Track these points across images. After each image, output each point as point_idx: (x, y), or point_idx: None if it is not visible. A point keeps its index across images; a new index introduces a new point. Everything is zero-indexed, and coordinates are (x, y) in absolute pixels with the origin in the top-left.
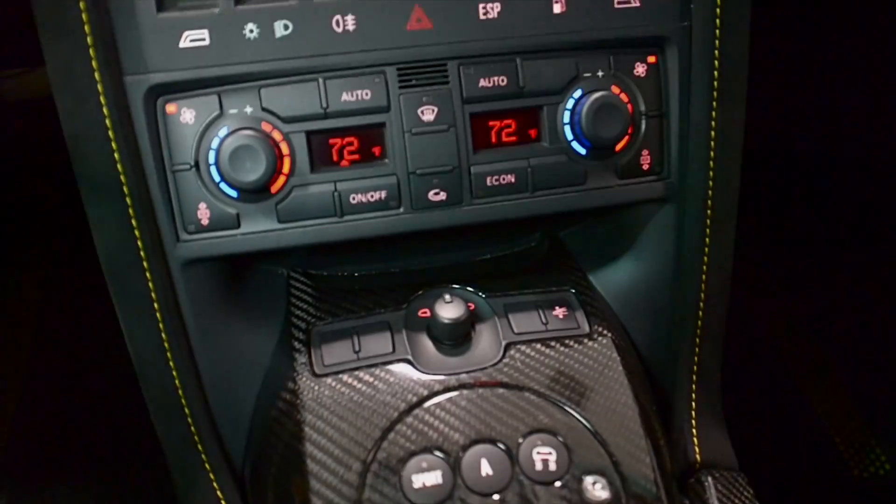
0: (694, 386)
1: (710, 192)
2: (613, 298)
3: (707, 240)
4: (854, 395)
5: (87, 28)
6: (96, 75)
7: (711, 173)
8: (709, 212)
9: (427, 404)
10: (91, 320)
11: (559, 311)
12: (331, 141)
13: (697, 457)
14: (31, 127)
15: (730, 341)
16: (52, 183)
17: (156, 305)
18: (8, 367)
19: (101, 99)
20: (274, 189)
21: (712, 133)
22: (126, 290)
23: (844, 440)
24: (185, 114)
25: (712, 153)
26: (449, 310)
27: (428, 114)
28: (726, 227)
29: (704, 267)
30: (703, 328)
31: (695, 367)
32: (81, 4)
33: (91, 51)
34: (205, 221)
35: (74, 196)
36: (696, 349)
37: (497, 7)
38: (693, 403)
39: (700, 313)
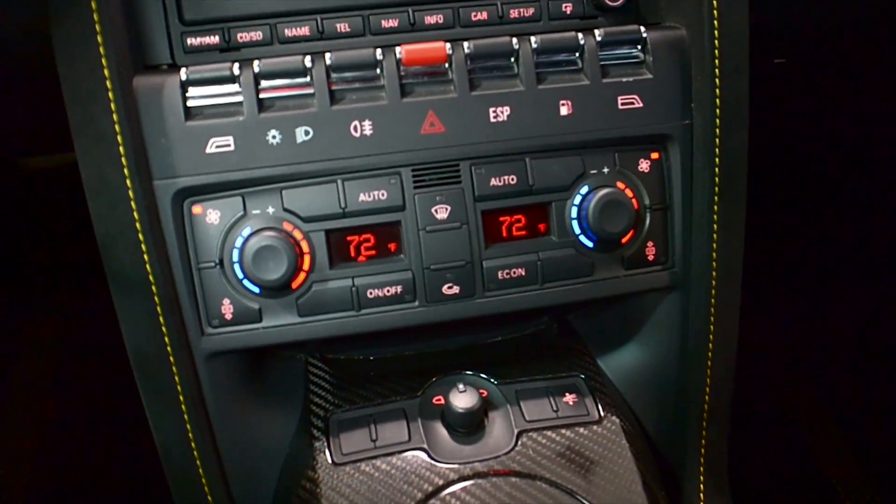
0: (702, 468)
1: (713, 281)
2: (621, 381)
3: (712, 326)
4: (857, 448)
5: (119, 139)
6: (128, 182)
7: (714, 263)
8: (713, 300)
9: (443, 494)
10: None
11: (569, 398)
12: (348, 238)
13: None
14: (56, 191)
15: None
16: (76, 244)
17: (181, 397)
18: (27, 429)
19: (132, 204)
20: (295, 285)
21: (715, 225)
22: (152, 381)
23: (848, 494)
24: (211, 214)
25: (715, 244)
26: (463, 399)
27: (441, 212)
28: (730, 313)
29: (710, 352)
30: (709, 410)
31: (702, 449)
32: (115, 116)
33: (123, 159)
34: (228, 316)
35: (96, 259)
36: (704, 431)
37: (507, 111)
38: (701, 485)
39: (707, 396)
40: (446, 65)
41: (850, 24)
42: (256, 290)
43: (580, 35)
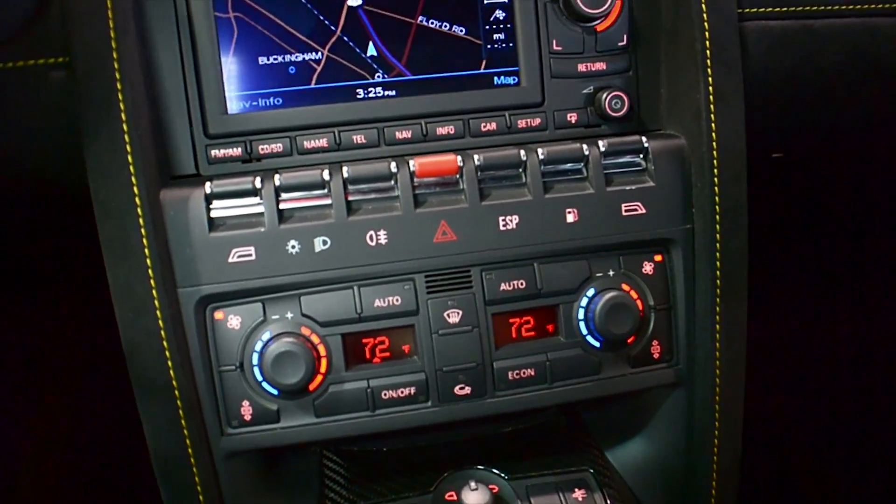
0: None
1: (717, 378)
2: (629, 473)
3: (717, 420)
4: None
5: (147, 251)
6: (154, 292)
7: (718, 360)
8: (717, 395)
9: None
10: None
11: (578, 494)
12: (364, 340)
13: None
14: None
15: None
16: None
17: (200, 497)
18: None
19: (158, 313)
20: (312, 387)
21: (717, 325)
22: (172, 479)
23: None
24: (232, 320)
25: (718, 342)
26: (474, 497)
27: (453, 316)
28: (734, 406)
29: (716, 446)
30: (716, 502)
31: None
32: (143, 231)
33: (150, 271)
34: (247, 417)
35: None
36: None
37: (515, 219)
38: None
39: (713, 490)
40: (458, 176)
41: (845, 126)
42: (275, 392)
43: (585, 146)
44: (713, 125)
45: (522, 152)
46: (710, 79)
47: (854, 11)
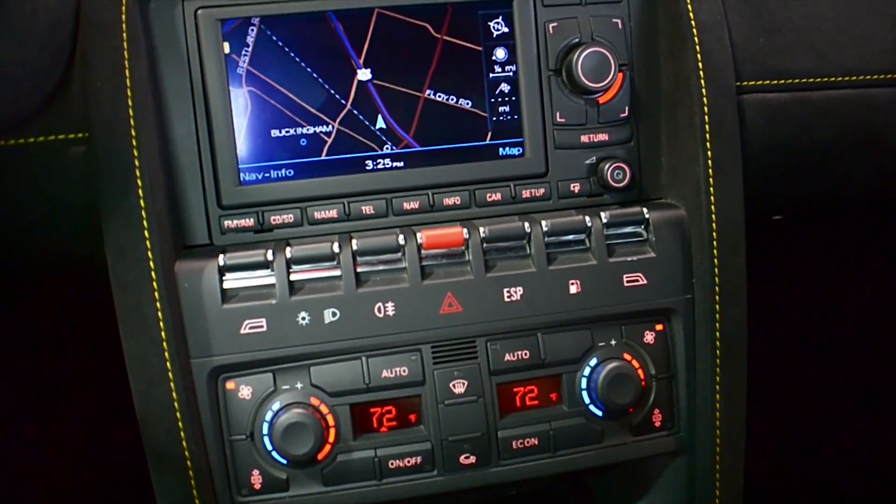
0: None
1: (717, 445)
2: None
3: (717, 487)
4: None
5: (161, 324)
6: (168, 364)
7: (718, 428)
8: (717, 463)
9: None
10: None
11: None
12: (371, 410)
13: None
14: None
15: None
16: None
17: None
18: None
19: (171, 385)
20: (320, 457)
21: (718, 394)
22: None
23: None
24: (243, 390)
25: (718, 410)
26: None
27: (459, 387)
28: (735, 473)
29: None
30: None
31: None
32: (158, 304)
33: (164, 343)
34: (257, 486)
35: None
36: None
37: (519, 290)
38: None
39: None
40: (463, 248)
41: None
42: (284, 461)
43: (587, 218)
44: (712, 198)
45: (527, 224)
46: (709, 153)
47: (849, 83)
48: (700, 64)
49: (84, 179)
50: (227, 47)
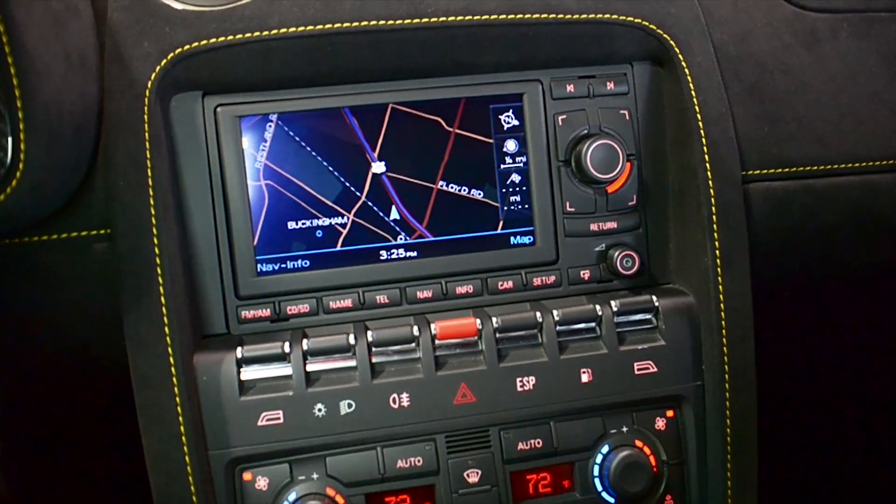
0: None
1: None
2: None
3: None
4: None
5: (180, 418)
6: (186, 458)
7: None
8: None
9: None
10: None
11: None
12: (386, 499)
13: None
14: None
15: None
16: None
17: None
18: None
19: (190, 479)
20: None
21: (728, 480)
22: None
23: None
24: (260, 481)
25: (730, 497)
26: None
27: (473, 476)
28: None
29: None
30: None
31: None
32: (177, 399)
33: (183, 437)
34: None
35: None
36: None
37: (532, 380)
38: None
39: None
40: (477, 338)
41: (847, 274)
42: None
43: (598, 307)
44: (721, 287)
45: (538, 314)
46: (716, 242)
47: (852, 170)
48: (706, 156)
49: (105, 275)
50: (245, 142)
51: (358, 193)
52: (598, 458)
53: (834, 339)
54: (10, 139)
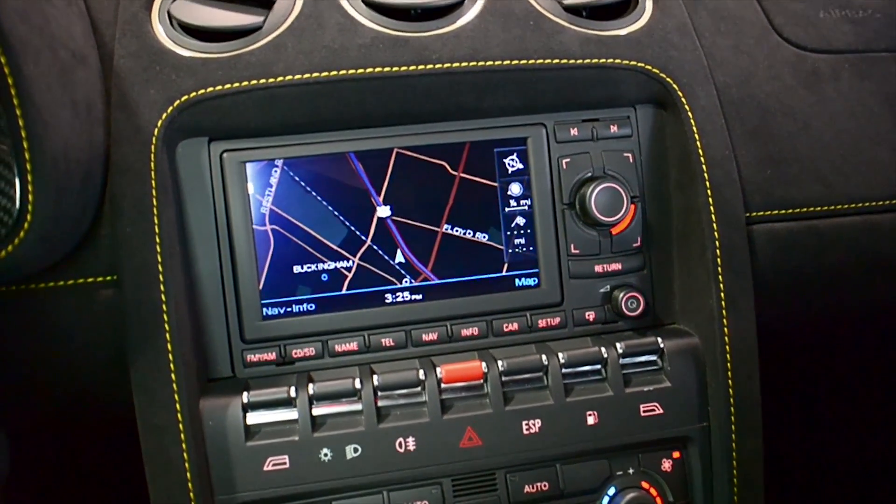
0: None
1: None
2: None
3: None
4: None
5: (187, 465)
6: None
7: None
8: None
9: None
10: None
11: None
12: None
13: None
14: None
15: None
16: None
17: None
18: None
19: None
20: None
21: None
22: None
23: None
24: None
25: None
26: None
27: None
28: None
29: None
30: None
31: None
32: (184, 445)
33: (189, 483)
34: None
35: None
36: None
37: (538, 423)
38: None
39: None
40: (482, 381)
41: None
42: None
43: (603, 349)
44: (726, 329)
45: (544, 356)
46: (721, 285)
47: (855, 210)
48: (710, 199)
49: (111, 321)
50: (251, 188)
51: (363, 237)
52: (605, 500)
53: (840, 378)
54: (17, 190)
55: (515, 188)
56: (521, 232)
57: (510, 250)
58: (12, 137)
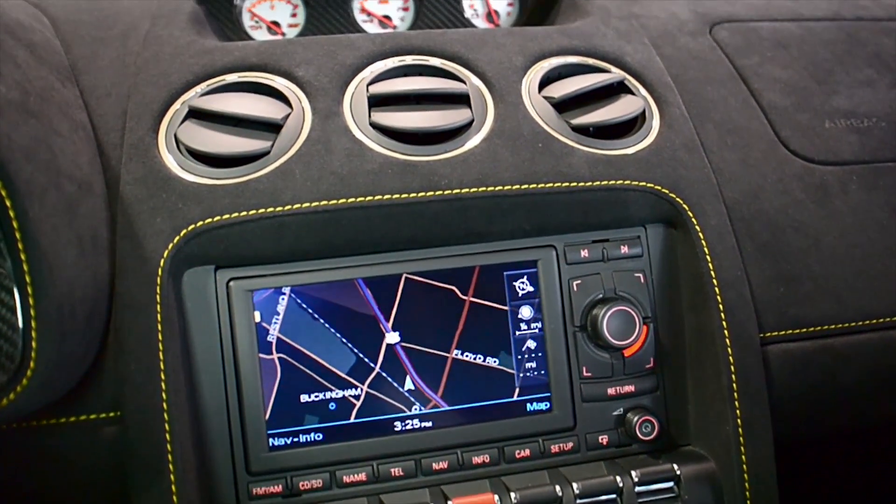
0: None
1: None
2: None
3: None
4: None
5: None
6: None
7: None
8: None
9: None
10: None
11: None
12: None
13: None
14: None
15: None
16: None
17: None
18: None
19: None
20: None
21: None
22: None
23: None
24: None
25: None
26: None
27: None
28: None
29: None
30: None
31: None
32: None
33: None
34: None
35: None
36: None
37: None
38: None
39: None
40: None
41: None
42: None
43: (618, 478)
44: (743, 457)
45: (558, 487)
46: (737, 411)
47: (870, 327)
48: (724, 321)
49: (114, 458)
50: (258, 316)
51: (372, 364)
52: None
53: (861, 495)
54: (21, 336)
55: (526, 311)
56: (533, 356)
57: (521, 374)
58: (16, 281)
